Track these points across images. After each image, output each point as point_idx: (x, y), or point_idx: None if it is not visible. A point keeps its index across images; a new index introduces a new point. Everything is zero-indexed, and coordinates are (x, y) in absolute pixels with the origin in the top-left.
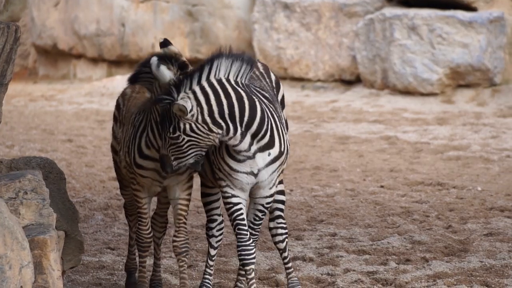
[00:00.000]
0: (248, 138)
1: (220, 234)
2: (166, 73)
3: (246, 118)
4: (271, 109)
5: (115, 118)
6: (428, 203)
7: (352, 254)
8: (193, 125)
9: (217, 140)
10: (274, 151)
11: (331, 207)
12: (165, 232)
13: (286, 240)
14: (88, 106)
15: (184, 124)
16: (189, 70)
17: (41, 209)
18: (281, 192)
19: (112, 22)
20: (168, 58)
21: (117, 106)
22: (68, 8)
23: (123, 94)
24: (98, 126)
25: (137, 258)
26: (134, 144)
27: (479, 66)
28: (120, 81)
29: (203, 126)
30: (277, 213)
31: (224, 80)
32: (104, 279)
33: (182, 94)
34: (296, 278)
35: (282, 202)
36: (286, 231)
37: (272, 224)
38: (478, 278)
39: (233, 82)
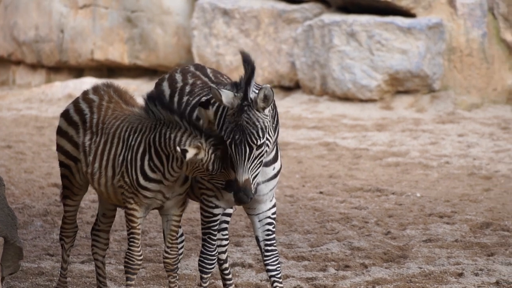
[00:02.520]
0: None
1: (182, 247)
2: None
3: (278, 131)
4: None
5: (74, 124)
6: (367, 209)
7: (291, 260)
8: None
9: None
10: (277, 165)
11: None
12: (106, 249)
13: (227, 251)
14: (27, 112)
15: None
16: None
17: None
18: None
19: (51, 29)
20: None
21: (79, 112)
22: (7, 14)
23: (88, 100)
24: (37, 132)
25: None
26: (135, 166)
27: (418, 73)
28: (59, 88)
29: (271, 136)
30: (224, 225)
31: None
32: (43, 285)
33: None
34: None
35: (229, 215)
36: (228, 242)
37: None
38: (417, 284)
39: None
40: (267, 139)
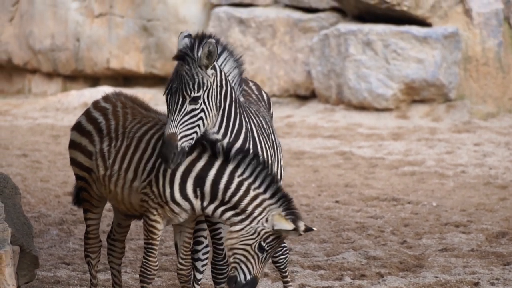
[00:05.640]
0: None
1: (206, 258)
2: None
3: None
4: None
5: (88, 134)
6: (383, 219)
7: (307, 269)
8: None
9: None
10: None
11: None
12: (122, 257)
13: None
14: (43, 121)
15: None
16: None
17: None
18: None
19: (67, 37)
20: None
21: (92, 121)
22: (23, 23)
23: (100, 109)
24: (53, 141)
25: None
26: (172, 180)
27: (434, 82)
28: (75, 96)
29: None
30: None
31: None
32: None
33: None
34: None
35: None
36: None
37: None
38: None
39: None
40: (205, 103)
